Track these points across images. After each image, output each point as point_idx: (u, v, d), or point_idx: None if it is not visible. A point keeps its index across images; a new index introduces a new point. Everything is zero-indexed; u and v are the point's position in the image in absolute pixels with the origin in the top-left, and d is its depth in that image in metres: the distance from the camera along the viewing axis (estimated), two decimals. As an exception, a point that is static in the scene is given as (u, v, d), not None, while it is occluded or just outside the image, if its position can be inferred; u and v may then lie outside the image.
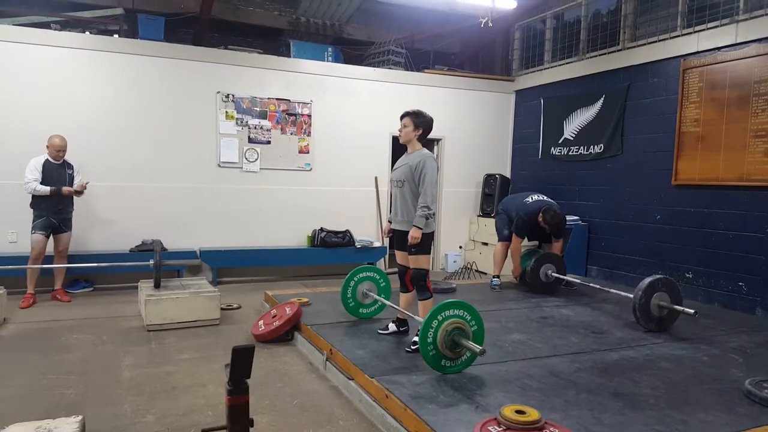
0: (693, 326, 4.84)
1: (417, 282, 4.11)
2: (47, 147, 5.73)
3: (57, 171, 5.76)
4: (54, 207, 5.70)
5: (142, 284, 5.34)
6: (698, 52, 6.09)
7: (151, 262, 5.20)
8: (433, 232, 4.14)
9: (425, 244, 4.04)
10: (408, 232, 4.00)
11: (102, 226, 6.58)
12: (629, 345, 4.30)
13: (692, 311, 4.44)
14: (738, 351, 4.23)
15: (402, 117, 4.17)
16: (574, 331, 4.65)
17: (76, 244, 6.41)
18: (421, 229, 3.93)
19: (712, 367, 3.85)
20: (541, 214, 6.09)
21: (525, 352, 4.02)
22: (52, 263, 5.80)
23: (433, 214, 4.00)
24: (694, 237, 6.16)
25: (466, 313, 3.52)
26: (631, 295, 4.78)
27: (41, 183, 5.61)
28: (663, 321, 4.70)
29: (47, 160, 5.72)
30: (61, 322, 5.05)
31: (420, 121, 4.10)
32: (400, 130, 4.17)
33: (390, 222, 4.38)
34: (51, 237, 5.80)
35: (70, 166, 5.89)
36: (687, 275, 6.22)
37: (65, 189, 5.67)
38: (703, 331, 4.75)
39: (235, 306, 5.75)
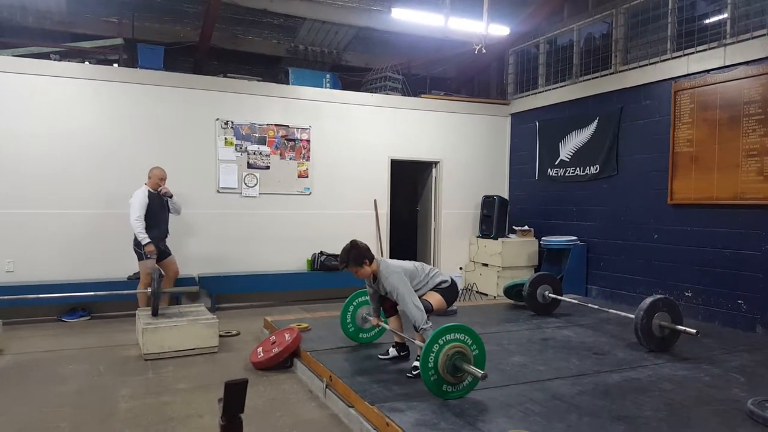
0: (694, 346, 4.82)
1: None
2: (149, 178, 5.99)
3: (159, 201, 6.03)
4: (162, 235, 6.09)
5: (140, 312, 5.31)
6: (689, 75, 6.19)
7: (149, 289, 5.19)
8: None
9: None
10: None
11: (99, 253, 6.55)
12: (631, 366, 4.28)
13: (694, 331, 4.41)
14: (740, 370, 4.21)
15: (346, 269, 4.06)
16: (576, 353, 4.62)
17: (73, 273, 6.39)
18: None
19: (714, 387, 3.82)
20: None
21: (527, 376, 3.99)
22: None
23: (428, 318, 3.81)
24: (692, 256, 6.17)
25: (467, 337, 3.50)
26: (632, 315, 4.77)
27: (147, 214, 5.82)
28: (664, 341, 4.68)
29: (149, 191, 5.93)
30: (57, 353, 5.01)
31: (360, 255, 4.02)
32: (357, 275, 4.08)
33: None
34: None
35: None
36: (686, 294, 6.22)
37: (150, 250, 5.81)
38: (704, 351, 4.73)
39: (234, 333, 5.71)
